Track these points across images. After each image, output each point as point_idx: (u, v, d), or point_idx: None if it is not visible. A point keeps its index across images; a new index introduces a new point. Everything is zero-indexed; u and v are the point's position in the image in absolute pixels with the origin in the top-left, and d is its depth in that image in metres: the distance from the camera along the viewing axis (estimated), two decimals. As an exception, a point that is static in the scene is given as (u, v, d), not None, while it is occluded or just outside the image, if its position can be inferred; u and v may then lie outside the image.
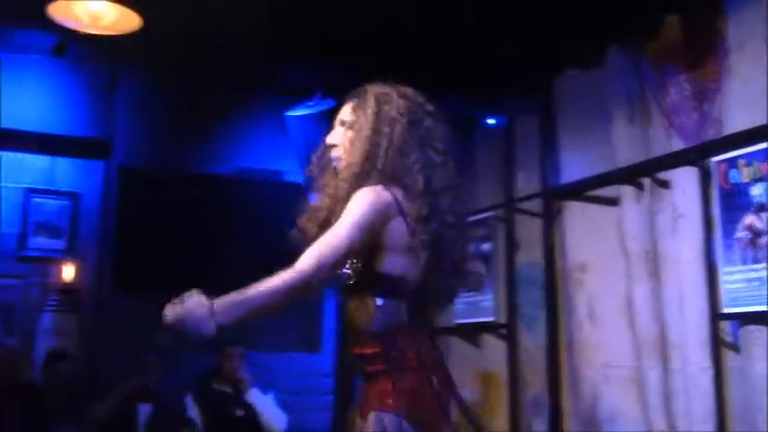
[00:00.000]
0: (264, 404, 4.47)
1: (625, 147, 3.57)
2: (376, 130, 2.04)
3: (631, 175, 3.51)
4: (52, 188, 4.99)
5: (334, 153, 2.10)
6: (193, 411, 4.34)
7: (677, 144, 3.31)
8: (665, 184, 3.37)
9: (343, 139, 2.11)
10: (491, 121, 4.72)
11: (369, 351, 1.99)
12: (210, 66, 4.54)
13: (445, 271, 2.04)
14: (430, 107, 2.17)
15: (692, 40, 3.27)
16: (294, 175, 5.16)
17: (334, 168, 2.11)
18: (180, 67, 4.61)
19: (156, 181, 4.86)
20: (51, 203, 4.96)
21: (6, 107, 4.60)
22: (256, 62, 4.54)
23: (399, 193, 2.00)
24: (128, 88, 4.69)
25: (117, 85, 4.24)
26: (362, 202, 1.94)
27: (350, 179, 2.02)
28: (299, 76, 4.76)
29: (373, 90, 2.13)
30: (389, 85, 2.15)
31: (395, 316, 1.99)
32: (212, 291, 4.84)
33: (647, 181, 3.45)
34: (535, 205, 4.11)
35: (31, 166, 4.97)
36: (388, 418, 1.93)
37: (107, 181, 5.03)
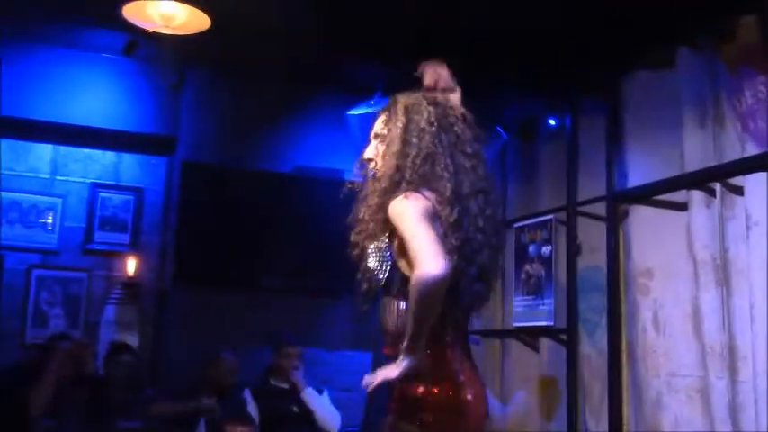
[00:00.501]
0: (319, 403, 4.50)
1: (695, 151, 3.47)
2: (405, 142, 2.09)
3: (702, 180, 3.42)
4: (117, 183, 5.12)
5: (371, 166, 2.16)
6: (251, 406, 4.40)
7: (752, 149, 3.21)
8: (737, 190, 3.28)
9: (376, 153, 2.16)
10: (552, 122, 4.67)
11: (394, 352, 2.00)
12: (273, 64, 4.59)
13: (472, 276, 2.05)
14: (461, 110, 2.18)
15: (770, 42, 3.18)
16: (352, 174, 5.18)
17: (372, 181, 2.16)
18: (244, 66, 4.67)
19: (218, 177, 4.93)
20: (116, 198, 5.08)
21: (77, 104, 4.73)
22: (318, 61, 4.57)
23: (432, 197, 2.03)
24: (193, 86, 4.76)
25: (183, 83, 4.31)
26: (405, 209, 1.97)
27: (380, 192, 2.07)
28: (361, 74, 4.78)
29: (403, 101, 2.19)
30: (419, 92, 2.19)
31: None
32: (267, 285, 4.91)
33: (718, 186, 3.36)
34: (599, 208, 4.04)
35: (97, 162, 5.10)
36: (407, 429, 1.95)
37: (170, 176, 5.13)
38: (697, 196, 3.45)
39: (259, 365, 4.64)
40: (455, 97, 2.23)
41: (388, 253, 2.03)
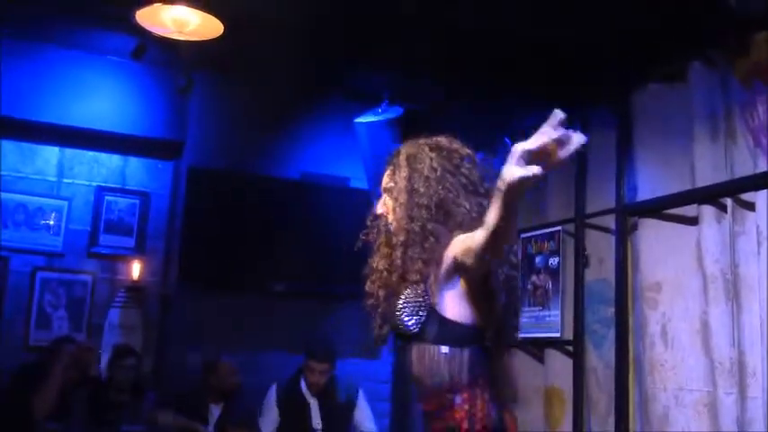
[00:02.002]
0: (364, 415, 4.48)
1: (706, 165, 3.47)
2: (411, 192, 2.07)
3: (713, 195, 3.41)
4: (123, 187, 5.11)
5: (383, 221, 2.15)
6: (272, 404, 4.34)
7: (763, 165, 3.21)
8: (749, 206, 3.27)
9: (386, 207, 2.15)
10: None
11: (431, 407, 1.96)
12: (281, 71, 4.58)
13: (509, 313, 2.06)
14: (465, 151, 2.16)
15: (784, 58, 3.18)
16: (359, 182, 5.18)
17: (387, 234, 2.14)
18: (252, 72, 4.67)
19: (224, 182, 4.93)
20: (122, 202, 5.08)
21: (84, 107, 4.72)
22: (325, 68, 4.57)
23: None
24: (201, 91, 4.76)
25: (191, 88, 4.30)
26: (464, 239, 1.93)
27: (401, 244, 2.05)
28: (369, 83, 4.78)
29: (405, 151, 2.17)
30: (423, 138, 2.18)
31: (464, 367, 1.95)
32: (272, 290, 4.87)
33: (729, 201, 3.35)
34: (608, 221, 4.03)
35: (103, 165, 5.09)
36: None
37: (176, 181, 5.12)
38: (708, 211, 3.44)
39: (266, 370, 4.63)
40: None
41: (424, 298, 1.99)
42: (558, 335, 4.29)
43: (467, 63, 4.16)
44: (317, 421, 4.39)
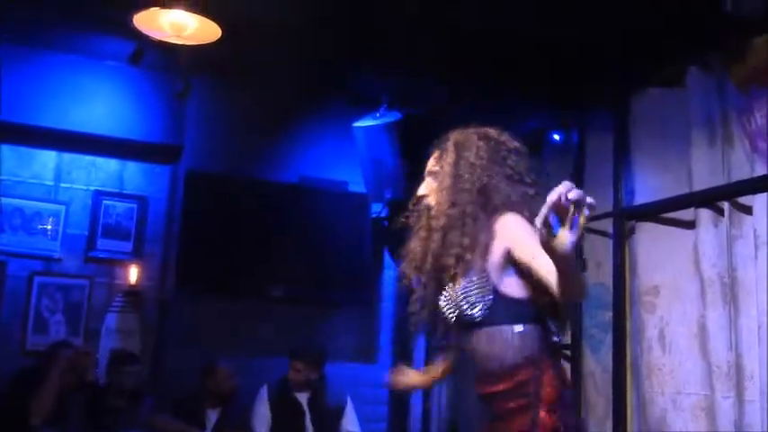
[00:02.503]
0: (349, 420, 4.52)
1: (704, 169, 3.48)
2: (457, 177, 2.17)
3: (710, 199, 3.42)
4: (121, 191, 5.10)
5: (426, 202, 2.23)
6: (263, 403, 4.36)
7: (760, 169, 3.22)
8: (746, 210, 3.28)
9: (430, 189, 2.23)
10: (556, 137, 4.67)
11: (501, 387, 2.01)
12: (280, 75, 4.59)
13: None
14: (513, 144, 2.27)
15: (781, 62, 3.19)
16: (357, 186, 5.19)
17: (428, 216, 2.23)
18: (250, 76, 4.67)
19: (222, 186, 4.93)
20: (120, 206, 5.07)
21: (82, 111, 4.72)
22: (324, 72, 4.57)
23: None
24: (198, 95, 4.76)
25: (189, 92, 4.30)
26: (519, 224, 2.06)
27: (444, 227, 2.13)
28: (367, 87, 4.78)
29: (454, 137, 2.27)
30: (473, 128, 2.27)
31: (535, 343, 2.03)
32: (270, 295, 4.90)
33: (726, 205, 3.36)
34: (606, 225, 4.03)
35: (100, 169, 5.08)
36: None
37: (174, 185, 5.12)
38: (705, 215, 3.45)
39: (264, 374, 4.63)
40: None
41: (488, 283, 2.05)
42: (556, 339, 4.28)
43: (468, 64, 4.16)
44: (306, 422, 4.43)
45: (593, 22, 3.51)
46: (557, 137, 4.65)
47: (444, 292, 2.17)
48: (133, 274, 4.97)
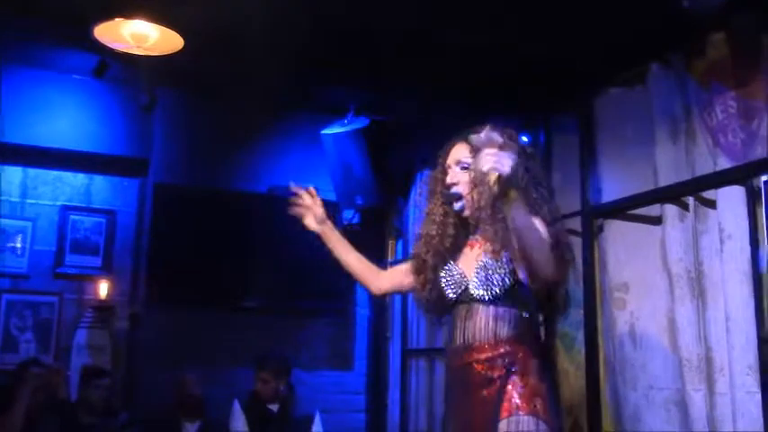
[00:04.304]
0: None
1: (668, 166, 3.52)
2: None
3: (675, 194, 3.46)
4: (89, 206, 5.05)
5: (455, 190, 2.34)
6: (239, 417, 4.35)
7: (723, 164, 3.26)
8: (710, 204, 3.32)
9: (462, 180, 2.34)
10: (525, 139, 4.69)
11: (485, 356, 2.19)
12: (245, 85, 4.57)
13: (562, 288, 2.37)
14: (529, 149, 2.47)
15: (739, 57, 3.23)
16: (328, 193, 5.17)
17: (446, 202, 2.39)
18: (216, 87, 4.65)
19: (191, 198, 4.89)
20: (88, 221, 5.02)
21: (46, 126, 4.67)
22: (290, 81, 4.56)
23: None
24: (165, 108, 4.73)
25: (155, 104, 4.27)
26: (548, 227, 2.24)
27: (488, 218, 2.25)
28: (334, 94, 4.78)
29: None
30: (494, 126, 2.31)
31: (530, 329, 2.26)
32: (242, 306, 4.89)
33: (691, 200, 3.40)
34: (574, 224, 4.06)
35: (67, 184, 5.03)
36: (533, 422, 2.12)
37: (142, 198, 5.08)
38: (671, 210, 3.49)
39: (240, 385, 4.60)
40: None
41: (508, 267, 2.22)
42: (542, 337, 4.30)
43: (434, 71, 4.18)
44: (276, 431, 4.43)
45: (553, 28, 3.54)
46: (525, 138, 4.68)
47: (445, 271, 2.35)
48: (103, 289, 4.92)
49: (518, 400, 2.15)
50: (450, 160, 2.40)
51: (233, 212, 4.95)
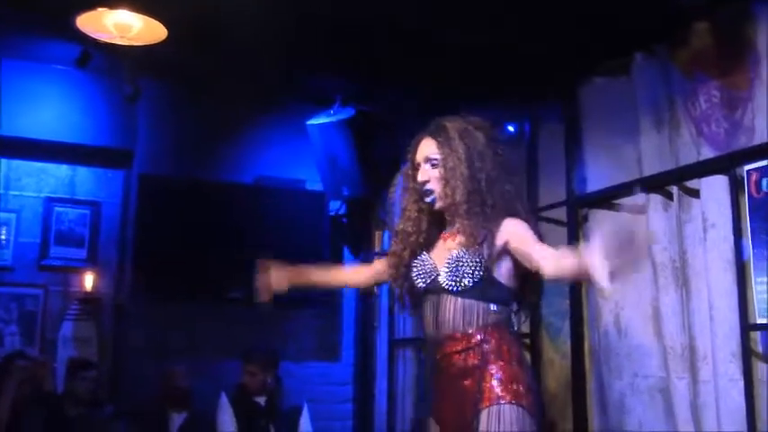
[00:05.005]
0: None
1: (652, 155, 3.53)
2: (471, 167, 2.27)
3: (659, 184, 3.48)
4: (73, 197, 5.02)
5: (427, 187, 2.33)
6: (226, 410, 4.34)
7: (706, 153, 3.28)
8: (694, 193, 3.34)
9: (432, 176, 2.33)
10: (510, 129, 4.71)
11: (460, 347, 2.21)
12: (230, 75, 4.55)
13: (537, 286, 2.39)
14: (497, 134, 2.47)
15: (722, 47, 3.24)
16: (314, 184, 5.17)
17: (419, 200, 2.38)
18: (200, 77, 4.62)
19: (176, 189, 4.87)
20: (72, 212, 4.99)
21: (29, 117, 4.63)
22: (276, 72, 4.55)
23: None
24: (149, 98, 4.70)
25: (139, 95, 4.25)
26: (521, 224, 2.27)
27: (464, 216, 2.27)
28: (319, 85, 4.77)
29: (452, 125, 2.36)
30: (458, 116, 2.38)
31: (501, 322, 2.26)
32: (229, 297, 4.87)
33: (675, 190, 3.42)
34: (560, 214, 4.08)
35: (51, 176, 5.00)
36: (515, 410, 2.14)
37: (127, 189, 5.05)
38: (655, 200, 3.51)
39: (227, 377, 4.60)
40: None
41: (482, 260, 2.22)
42: (514, 329, 4.32)
43: (421, 61, 4.17)
44: (269, 425, 4.42)
45: (539, 18, 3.54)
46: (511, 128, 4.69)
47: (417, 262, 2.35)
48: (88, 280, 4.90)
49: (498, 390, 2.16)
50: (419, 157, 2.38)
51: (219, 203, 4.93)
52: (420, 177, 2.35)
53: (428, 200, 2.36)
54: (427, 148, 2.36)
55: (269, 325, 4.98)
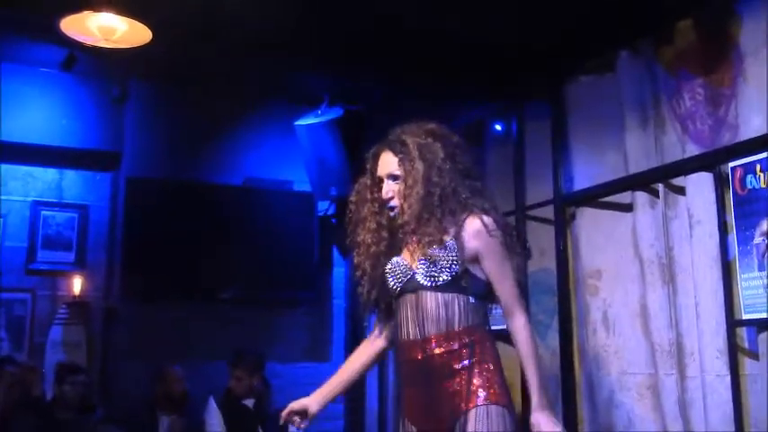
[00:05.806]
0: None
1: (638, 153, 3.55)
2: (428, 181, 2.29)
3: (645, 181, 3.49)
4: (60, 200, 4.99)
5: (391, 204, 2.35)
6: (214, 413, 4.34)
7: (692, 150, 3.30)
8: (679, 190, 3.36)
9: (395, 191, 2.34)
10: (498, 127, 4.72)
11: (449, 347, 2.22)
12: (217, 76, 4.54)
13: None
14: (456, 138, 2.41)
15: (706, 44, 3.26)
16: (303, 185, 5.17)
17: (378, 212, 2.39)
18: (187, 78, 4.61)
19: (164, 192, 4.86)
20: (60, 216, 4.96)
21: (15, 120, 4.60)
22: (263, 72, 4.54)
23: None
24: (136, 100, 4.68)
25: (126, 97, 4.23)
26: (497, 236, 2.28)
27: (415, 229, 2.29)
28: (307, 85, 4.76)
29: (412, 139, 2.36)
30: (416, 125, 2.38)
31: (481, 317, 2.28)
32: (218, 298, 4.83)
33: (660, 187, 3.43)
34: (547, 212, 4.09)
35: (38, 179, 4.97)
36: (499, 411, 2.18)
37: (115, 192, 5.03)
38: (641, 197, 3.53)
39: (217, 378, 4.59)
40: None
41: (457, 257, 2.24)
42: (503, 327, 4.32)
43: (407, 60, 4.17)
44: (257, 428, 4.42)
45: (523, 15, 3.55)
46: (498, 127, 4.70)
47: (390, 265, 2.35)
48: (77, 284, 4.87)
49: (484, 391, 2.18)
50: (381, 172, 2.38)
51: (207, 205, 4.92)
52: (385, 194, 2.36)
53: (392, 214, 2.37)
54: (388, 162, 2.36)
55: (259, 324, 4.99)
